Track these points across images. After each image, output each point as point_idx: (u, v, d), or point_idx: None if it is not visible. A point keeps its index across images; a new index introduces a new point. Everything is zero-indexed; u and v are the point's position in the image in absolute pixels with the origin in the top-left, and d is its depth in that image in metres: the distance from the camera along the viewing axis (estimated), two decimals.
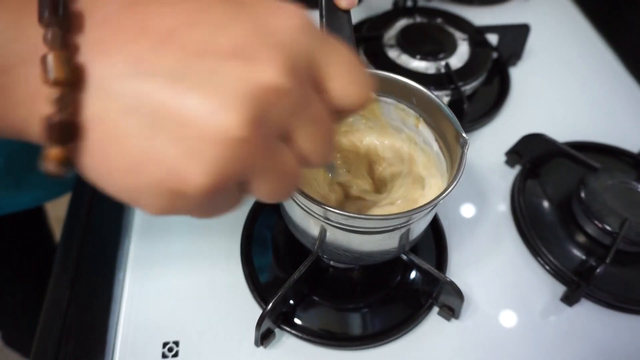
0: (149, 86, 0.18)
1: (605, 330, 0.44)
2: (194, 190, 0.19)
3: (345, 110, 0.23)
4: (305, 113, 0.21)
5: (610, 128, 0.61)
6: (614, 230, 0.45)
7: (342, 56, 0.22)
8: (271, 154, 0.20)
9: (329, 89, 0.22)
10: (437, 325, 0.43)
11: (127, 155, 0.18)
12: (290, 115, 0.20)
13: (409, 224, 0.34)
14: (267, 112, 0.19)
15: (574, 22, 0.78)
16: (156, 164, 0.18)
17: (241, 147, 0.18)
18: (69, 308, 0.42)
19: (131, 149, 0.18)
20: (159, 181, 0.19)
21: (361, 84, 0.23)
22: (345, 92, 0.22)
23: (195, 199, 0.19)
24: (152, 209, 0.20)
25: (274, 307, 0.38)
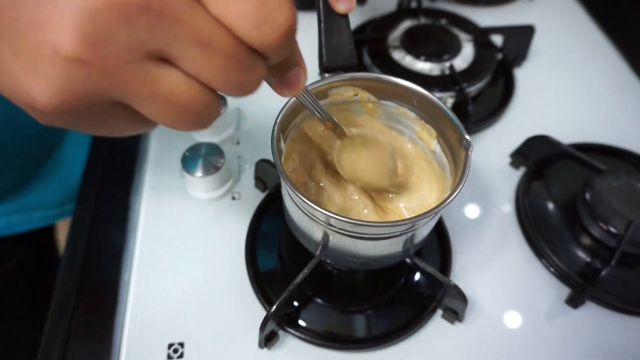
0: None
1: (610, 333, 0.43)
2: (42, 106, 0.18)
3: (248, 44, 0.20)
4: (176, 35, 0.18)
5: (615, 129, 0.61)
6: (619, 232, 0.45)
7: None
8: (133, 78, 0.19)
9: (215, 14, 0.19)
10: (441, 328, 0.43)
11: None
12: (153, 37, 0.18)
13: (414, 230, 0.34)
14: (109, 33, 0.17)
15: (579, 22, 0.78)
16: (5, 76, 0.18)
17: (76, 68, 0.17)
18: (75, 309, 0.43)
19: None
20: (12, 93, 0.19)
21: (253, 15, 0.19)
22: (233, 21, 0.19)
23: (48, 115, 0.19)
24: (36, 118, 0.20)
25: (278, 308, 0.39)
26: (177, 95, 0.20)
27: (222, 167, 0.48)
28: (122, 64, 0.18)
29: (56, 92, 0.18)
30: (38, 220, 0.61)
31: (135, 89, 0.19)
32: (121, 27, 0.17)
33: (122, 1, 0.17)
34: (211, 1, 0.19)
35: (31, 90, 0.18)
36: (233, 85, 0.20)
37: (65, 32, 0.17)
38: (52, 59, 0.17)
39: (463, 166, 0.34)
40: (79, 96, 0.18)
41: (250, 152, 0.55)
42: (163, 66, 0.19)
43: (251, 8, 0.19)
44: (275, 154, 0.34)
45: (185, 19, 0.18)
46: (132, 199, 0.51)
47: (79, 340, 0.41)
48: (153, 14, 0.17)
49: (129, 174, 0.53)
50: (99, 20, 0.17)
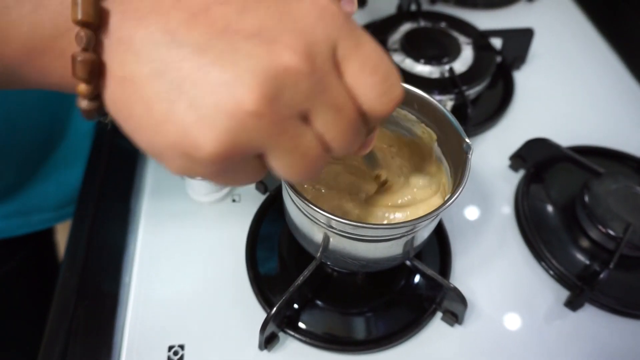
0: (176, 55, 0.20)
1: (609, 336, 0.44)
2: (204, 155, 0.20)
3: (364, 111, 0.23)
4: (322, 99, 0.21)
5: (614, 132, 0.61)
6: (618, 235, 0.45)
7: (366, 55, 0.23)
8: (286, 132, 0.21)
9: (349, 85, 0.22)
10: (440, 331, 0.43)
11: (150, 115, 0.21)
12: (307, 99, 0.21)
13: (413, 232, 0.34)
14: (281, 92, 0.20)
15: (578, 25, 0.78)
16: (174, 127, 0.20)
17: (251, 120, 0.20)
18: (75, 311, 0.42)
19: (154, 110, 0.20)
20: (175, 142, 0.20)
21: (380, 88, 0.23)
22: (363, 93, 0.23)
23: (206, 163, 0.21)
24: (171, 168, 0.22)
25: (278, 311, 0.39)
26: (310, 151, 0.22)
27: None
28: (284, 119, 0.21)
29: (225, 141, 0.20)
30: (37, 223, 0.61)
31: (284, 142, 0.22)
32: (290, 87, 0.20)
33: (296, 68, 0.20)
34: (347, 73, 0.22)
35: (200, 138, 0.20)
36: (347, 145, 0.24)
37: (251, 90, 0.19)
38: (233, 112, 0.20)
39: (463, 169, 0.35)
40: (241, 146, 0.21)
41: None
42: (304, 124, 0.22)
43: (378, 82, 0.23)
44: None
45: (331, 87, 0.22)
46: (133, 201, 0.51)
47: (79, 342, 0.41)
48: (313, 79, 0.21)
49: (129, 177, 0.53)
50: (277, 82, 0.20)
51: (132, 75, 0.21)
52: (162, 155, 0.22)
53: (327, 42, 0.21)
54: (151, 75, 0.20)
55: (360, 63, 0.22)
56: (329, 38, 0.21)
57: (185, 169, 0.22)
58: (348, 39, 0.22)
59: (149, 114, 0.21)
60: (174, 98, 0.20)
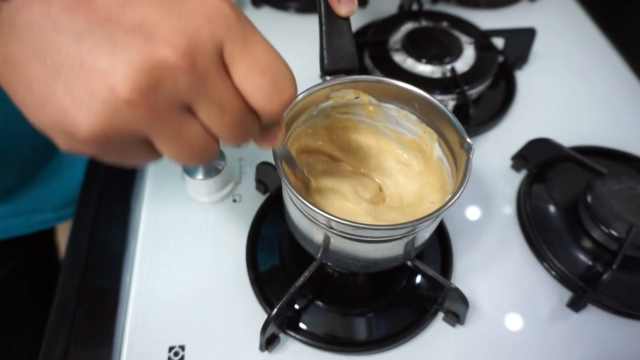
0: (56, 40, 0.21)
1: (611, 337, 0.43)
2: (82, 136, 0.21)
3: (254, 110, 0.24)
4: (204, 95, 0.23)
5: (617, 132, 0.61)
6: (621, 235, 0.45)
7: (254, 57, 0.24)
8: (166, 122, 0.22)
9: (237, 84, 0.24)
10: (442, 331, 0.43)
11: (31, 95, 0.22)
12: (187, 94, 0.22)
13: (415, 232, 0.34)
14: (157, 85, 0.21)
15: (581, 25, 0.78)
16: (52, 108, 0.21)
17: (125, 108, 0.21)
18: (76, 312, 0.42)
19: (34, 90, 0.21)
20: (55, 122, 0.22)
21: (268, 89, 0.24)
22: (250, 93, 0.24)
23: (85, 142, 0.22)
24: (58, 144, 0.23)
25: (279, 312, 0.39)
26: (194, 139, 0.24)
27: (223, 170, 0.48)
28: (162, 110, 0.22)
29: (100, 124, 0.21)
30: (37, 224, 0.61)
31: (165, 131, 0.23)
32: (168, 81, 0.21)
33: (174, 63, 0.21)
34: (235, 74, 0.23)
35: (77, 120, 0.21)
36: (233, 138, 0.25)
37: (124, 80, 0.20)
38: (106, 98, 0.21)
39: (464, 169, 0.34)
40: (117, 130, 0.22)
41: (251, 154, 0.55)
42: (188, 115, 0.23)
43: (267, 85, 0.24)
44: (276, 157, 0.34)
45: (214, 85, 0.23)
46: (133, 201, 0.51)
47: (80, 343, 0.41)
48: (194, 76, 0.22)
49: (130, 177, 0.53)
50: (153, 75, 0.21)
51: (14, 56, 0.22)
52: (47, 131, 0.23)
53: (211, 42, 0.22)
54: (31, 58, 0.21)
55: (248, 65, 0.23)
56: (214, 38, 0.22)
57: (70, 147, 0.23)
58: (236, 40, 0.23)
59: (30, 93, 0.22)
60: (52, 81, 0.21)
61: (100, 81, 0.21)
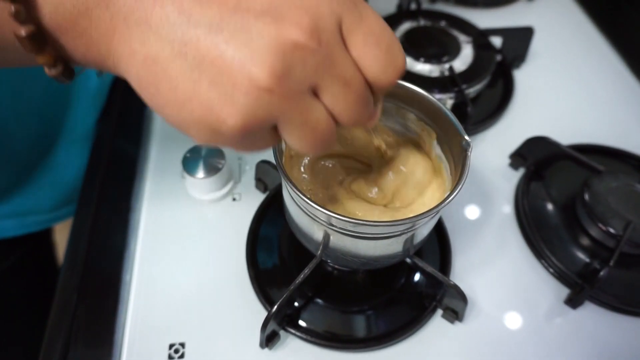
0: (194, 35, 0.21)
1: (609, 333, 0.44)
2: (227, 129, 0.22)
3: (370, 82, 0.24)
4: (329, 73, 0.23)
5: (614, 130, 0.61)
6: (618, 232, 0.45)
7: (369, 27, 0.24)
8: (297, 106, 0.23)
9: (354, 58, 0.24)
10: (441, 328, 0.43)
11: (176, 93, 0.22)
12: (315, 73, 0.22)
13: (414, 229, 0.35)
14: (291, 67, 0.21)
15: (578, 24, 0.78)
16: (198, 103, 0.22)
17: (265, 96, 0.21)
18: (76, 310, 0.43)
19: (179, 88, 0.22)
20: (200, 118, 0.22)
21: (384, 59, 0.24)
22: (368, 64, 0.24)
23: (229, 136, 0.22)
24: (198, 139, 0.24)
25: (279, 309, 0.39)
26: (318, 124, 0.24)
27: (222, 169, 0.48)
28: (294, 94, 0.22)
29: (245, 116, 0.22)
30: (31, 225, 0.61)
31: (295, 116, 0.23)
32: (299, 63, 0.22)
33: (304, 44, 0.21)
34: (353, 46, 0.23)
35: (223, 114, 0.22)
36: (355, 116, 0.25)
37: (263, 67, 0.21)
38: (248, 89, 0.21)
39: (462, 167, 0.35)
40: (259, 119, 0.22)
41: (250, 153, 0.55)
42: (314, 99, 0.23)
43: (383, 54, 0.24)
44: (276, 155, 0.34)
45: (339, 61, 0.23)
46: (133, 200, 0.51)
47: (80, 341, 0.41)
48: (320, 55, 0.22)
49: (130, 176, 0.53)
50: (286, 59, 0.21)
51: (156, 55, 0.22)
52: (189, 129, 0.23)
53: (332, 17, 0.22)
54: (173, 55, 0.21)
55: (364, 36, 0.23)
56: (333, 13, 0.22)
57: (211, 140, 0.23)
58: (351, 13, 0.23)
59: (174, 92, 0.22)
60: (196, 77, 0.21)
61: (241, 72, 0.21)
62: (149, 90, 0.23)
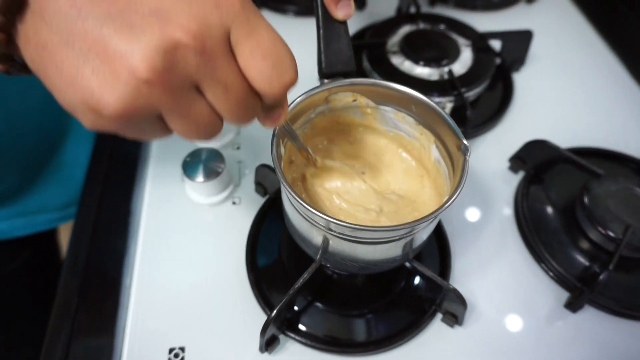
0: (82, 27, 0.23)
1: (609, 337, 0.44)
2: (107, 113, 0.23)
3: (256, 91, 0.27)
4: (211, 76, 0.25)
5: (614, 134, 0.61)
6: (618, 236, 0.45)
7: (258, 41, 0.26)
8: (177, 99, 0.24)
9: (242, 67, 0.26)
10: (440, 332, 0.43)
11: (61, 77, 0.24)
12: (196, 74, 0.24)
13: (413, 234, 0.35)
14: (171, 65, 0.23)
15: (578, 27, 0.79)
16: (81, 88, 0.23)
17: (144, 87, 0.23)
18: (77, 313, 0.43)
19: (64, 73, 0.24)
20: (83, 100, 0.24)
21: (270, 72, 0.26)
22: (253, 75, 0.26)
23: (111, 120, 0.24)
24: (84, 122, 0.25)
25: (278, 313, 0.39)
26: (200, 117, 0.26)
27: (222, 172, 0.48)
28: (174, 88, 0.24)
29: (123, 103, 0.23)
30: (40, 224, 0.61)
31: (176, 108, 0.25)
32: (181, 62, 0.23)
33: (186, 44, 0.23)
34: (240, 57, 0.26)
35: (103, 99, 0.23)
36: (236, 118, 0.27)
37: (143, 61, 0.23)
38: (127, 79, 0.23)
39: (461, 171, 0.35)
40: (138, 108, 0.24)
41: (250, 157, 0.55)
42: (196, 95, 0.25)
43: (268, 69, 0.26)
44: (275, 159, 0.34)
45: (220, 66, 0.25)
46: (134, 204, 0.51)
47: (80, 344, 0.41)
48: (203, 58, 0.24)
49: (130, 179, 0.53)
50: (168, 55, 0.23)
51: (45, 42, 0.24)
52: (75, 110, 0.25)
53: (220, 27, 0.24)
54: (61, 43, 0.23)
55: (251, 49, 0.25)
56: (222, 24, 0.24)
57: (95, 124, 0.25)
58: (242, 26, 0.25)
59: (60, 75, 0.24)
60: (80, 64, 0.23)
61: (122, 63, 0.23)
62: (40, 74, 0.25)
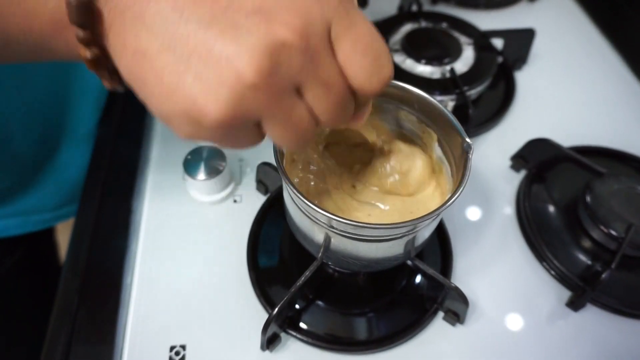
0: (184, 31, 0.22)
1: (611, 336, 0.44)
2: (209, 122, 0.22)
3: (354, 88, 0.25)
4: (313, 74, 0.23)
5: (616, 132, 0.61)
6: (620, 235, 0.45)
7: (358, 35, 0.24)
8: (280, 103, 0.23)
9: (341, 63, 0.24)
10: (442, 330, 0.43)
11: (161, 85, 0.22)
12: (299, 74, 0.23)
13: (415, 232, 0.35)
14: (277, 67, 0.22)
15: (580, 26, 0.78)
16: (182, 96, 0.22)
17: (250, 92, 0.22)
18: (77, 312, 0.43)
19: (165, 81, 0.22)
20: (184, 110, 0.22)
21: (370, 68, 0.24)
22: (354, 71, 0.24)
23: (211, 129, 0.23)
24: (179, 133, 0.24)
25: (280, 311, 0.39)
26: (300, 122, 0.25)
27: (223, 170, 0.48)
28: (279, 92, 0.23)
29: (228, 110, 0.22)
30: (34, 224, 0.61)
31: (278, 113, 0.24)
32: (286, 63, 0.22)
33: (292, 43, 0.22)
34: (340, 52, 0.24)
35: (206, 107, 0.22)
36: (334, 119, 0.26)
37: (250, 64, 0.21)
38: (233, 85, 0.22)
39: (464, 169, 0.35)
40: (242, 114, 0.23)
41: (251, 155, 0.55)
42: (297, 97, 0.24)
43: (369, 64, 0.24)
44: (277, 157, 0.34)
45: (323, 64, 0.24)
46: (135, 202, 0.51)
47: (81, 343, 0.41)
48: (307, 56, 0.23)
49: (131, 178, 0.53)
50: (274, 56, 0.22)
51: (145, 48, 0.22)
52: (172, 120, 0.24)
53: (322, 21, 0.23)
54: (161, 49, 0.22)
55: (352, 43, 0.24)
56: (323, 18, 0.23)
57: (192, 134, 0.24)
58: (342, 19, 0.24)
59: (160, 84, 0.22)
60: (182, 70, 0.22)
61: (228, 67, 0.21)
62: (137, 83, 0.24)
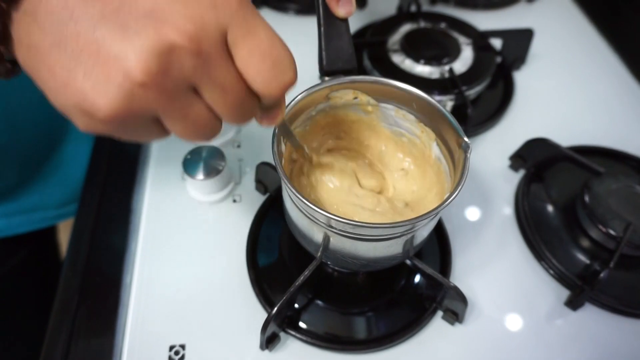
0: (74, 29, 0.23)
1: (609, 335, 0.44)
2: (100, 116, 0.23)
3: (255, 92, 0.26)
4: (208, 77, 0.24)
5: (614, 132, 0.61)
6: (618, 234, 0.45)
7: (256, 42, 0.25)
8: (174, 102, 0.24)
9: (239, 68, 0.25)
10: (441, 330, 0.43)
11: (54, 79, 0.23)
12: (193, 76, 0.24)
13: (413, 231, 0.35)
14: (167, 67, 0.23)
15: (578, 26, 0.79)
16: (73, 91, 0.23)
17: (139, 90, 0.23)
18: (77, 311, 0.43)
19: (57, 76, 0.23)
20: (76, 103, 0.23)
21: (268, 73, 0.25)
22: (251, 77, 0.25)
23: (105, 122, 0.24)
24: (78, 125, 0.25)
25: (279, 311, 0.39)
26: (198, 118, 0.26)
27: (223, 170, 0.48)
28: (170, 91, 0.24)
29: (117, 106, 0.23)
30: (38, 221, 0.61)
31: (173, 110, 0.25)
32: (176, 64, 0.23)
33: (181, 46, 0.23)
34: (237, 58, 0.25)
35: (96, 102, 0.23)
36: (234, 118, 0.27)
37: (137, 63, 0.22)
38: (121, 82, 0.22)
39: (462, 168, 0.35)
40: (132, 111, 0.23)
41: (251, 155, 0.55)
42: (194, 96, 0.25)
43: (266, 69, 0.25)
44: (276, 157, 0.34)
45: (217, 68, 0.24)
46: (134, 201, 0.51)
47: (81, 341, 0.41)
48: (199, 60, 0.23)
49: (131, 177, 0.53)
50: (163, 58, 0.22)
51: (37, 45, 0.23)
52: (68, 113, 0.24)
53: (216, 27, 0.24)
54: (53, 46, 0.23)
55: (249, 49, 0.25)
56: (218, 24, 0.24)
57: (89, 126, 0.24)
58: (239, 26, 0.25)
59: (52, 78, 0.23)
60: (73, 67, 0.23)
61: (116, 66, 0.22)
62: (33, 75, 0.25)
